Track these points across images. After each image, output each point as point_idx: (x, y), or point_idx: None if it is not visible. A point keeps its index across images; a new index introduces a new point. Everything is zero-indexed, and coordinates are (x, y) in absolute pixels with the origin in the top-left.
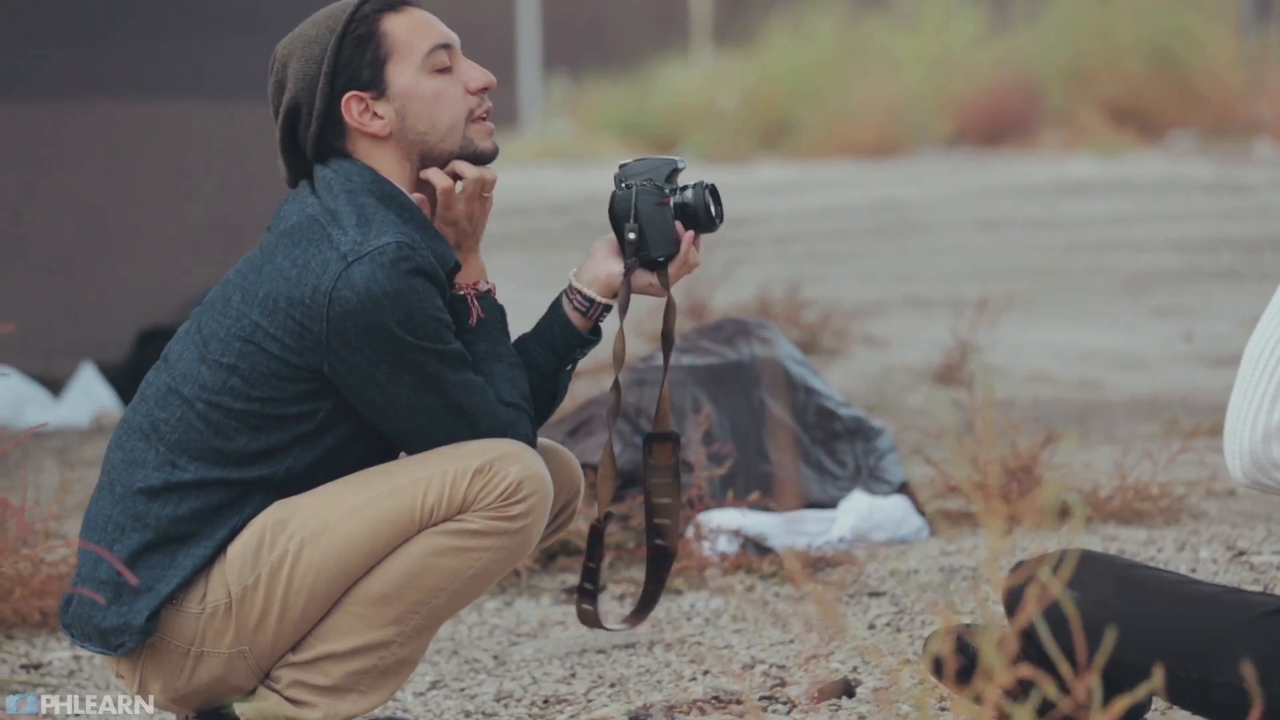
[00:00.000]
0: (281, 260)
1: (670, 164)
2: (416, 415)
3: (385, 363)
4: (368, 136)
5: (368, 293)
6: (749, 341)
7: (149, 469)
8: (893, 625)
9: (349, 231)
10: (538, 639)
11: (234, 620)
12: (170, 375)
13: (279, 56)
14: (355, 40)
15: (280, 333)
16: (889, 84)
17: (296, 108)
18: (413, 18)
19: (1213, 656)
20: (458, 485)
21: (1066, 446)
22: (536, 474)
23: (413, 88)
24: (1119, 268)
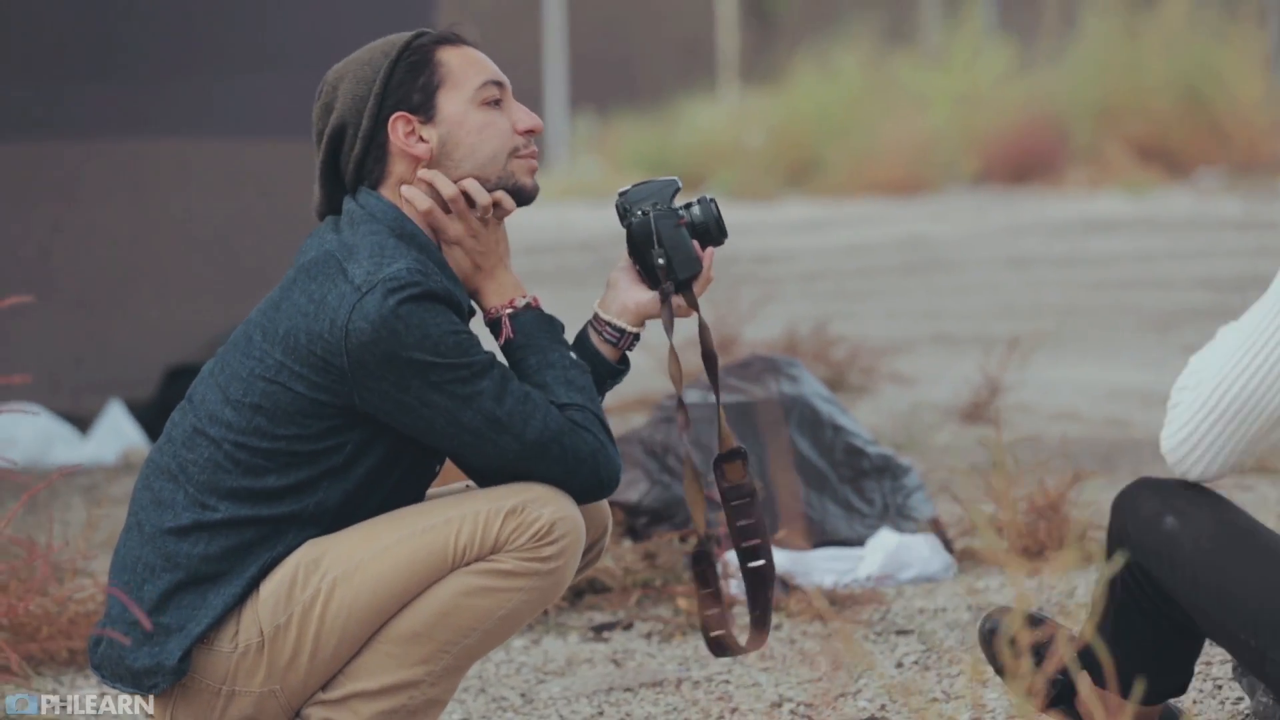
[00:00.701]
0: (299, 297)
1: (671, 185)
2: (460, 434)
3: (413, 387)
4: (409, 159)
5: (381, 321)
6: (777, 379)
7: (178, 509)
8: (920, 664)
9: (363, 264)
10: (565, 677)
11: (266, 659)
12: (196, 416)
13: (329, 80)
14: (409, 65)
15: (305, 370)
16: (916, 122)
17: (343, 129)
18: (468, 53)
19: (1276, 633)
20: (490, 525)
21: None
22: (569, 516)
23: (461, 116)
24: (1147, 305)
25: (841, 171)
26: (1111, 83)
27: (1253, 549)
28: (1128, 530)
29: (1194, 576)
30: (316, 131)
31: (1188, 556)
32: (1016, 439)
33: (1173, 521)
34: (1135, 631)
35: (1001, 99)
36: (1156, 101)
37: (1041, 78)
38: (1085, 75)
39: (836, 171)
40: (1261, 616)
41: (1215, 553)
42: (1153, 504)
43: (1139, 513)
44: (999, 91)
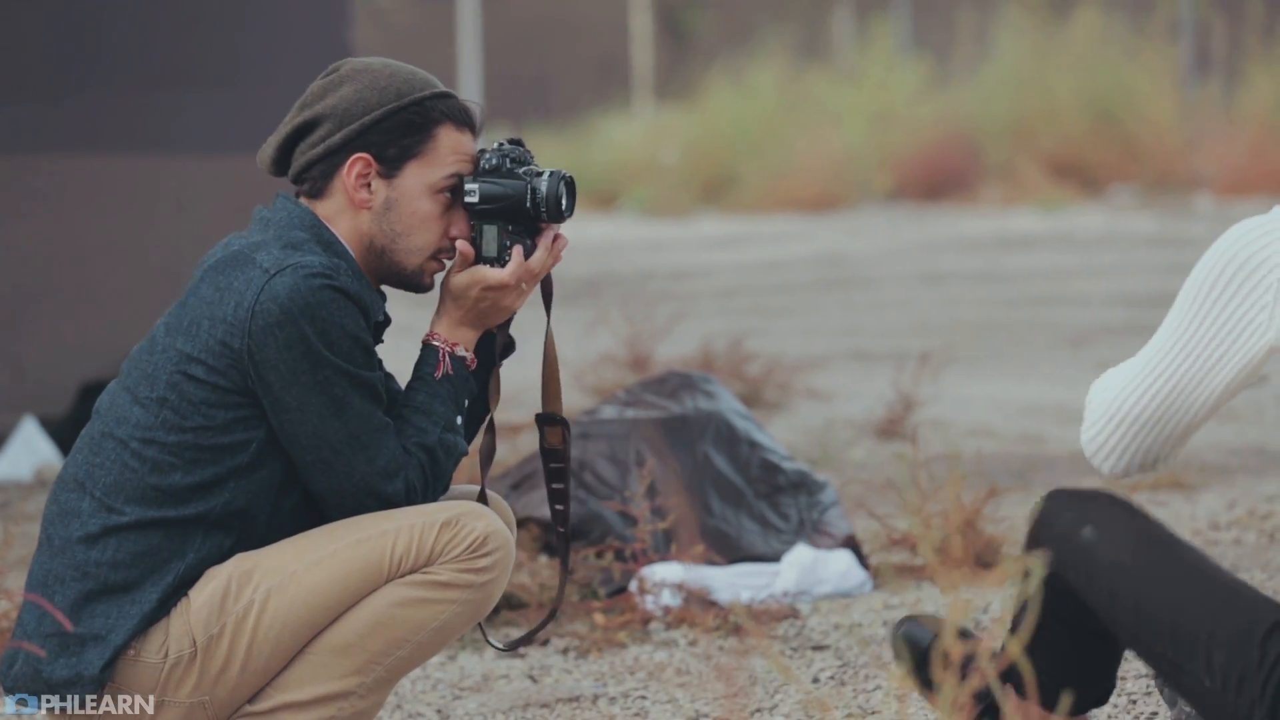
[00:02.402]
0: (205, 289)
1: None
2: (319, 446)
3: (299, 384)
4: (348, 196)
5: (290, 301)
6: (693, 395)
7: (85, 517)
8: (837, 679)
9: (273, 253)
10: (482, 693)
11: (197, 670)
12: (103, 423)
13: (343, 70)
14: (407, 121)
15: (203, 354)
16: (830, 139)
17: (317, 123)
18: (463, 141)
19: (1192, 646)
20: (426, 537)
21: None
22: (500, 530)
23: (414, 196)
24: (1061, 321)
25: (757, 188)
26: (1025, 100)
27: (1169, 561)
28: (1044, 541)
29: (1111, 588)
30: (302, 102)
31: (1105, 568)
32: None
33: (1090, 532)
34: (1056, 641)
35: (915, 116)
36: (1069, 119)
37: (955, 95)
38: (998, 92)
39: (752, 188)
40: (1178, 629)
41: (1132, 565)
42: (1070, 515)
43: (1056, 523)
44: (913, 109)
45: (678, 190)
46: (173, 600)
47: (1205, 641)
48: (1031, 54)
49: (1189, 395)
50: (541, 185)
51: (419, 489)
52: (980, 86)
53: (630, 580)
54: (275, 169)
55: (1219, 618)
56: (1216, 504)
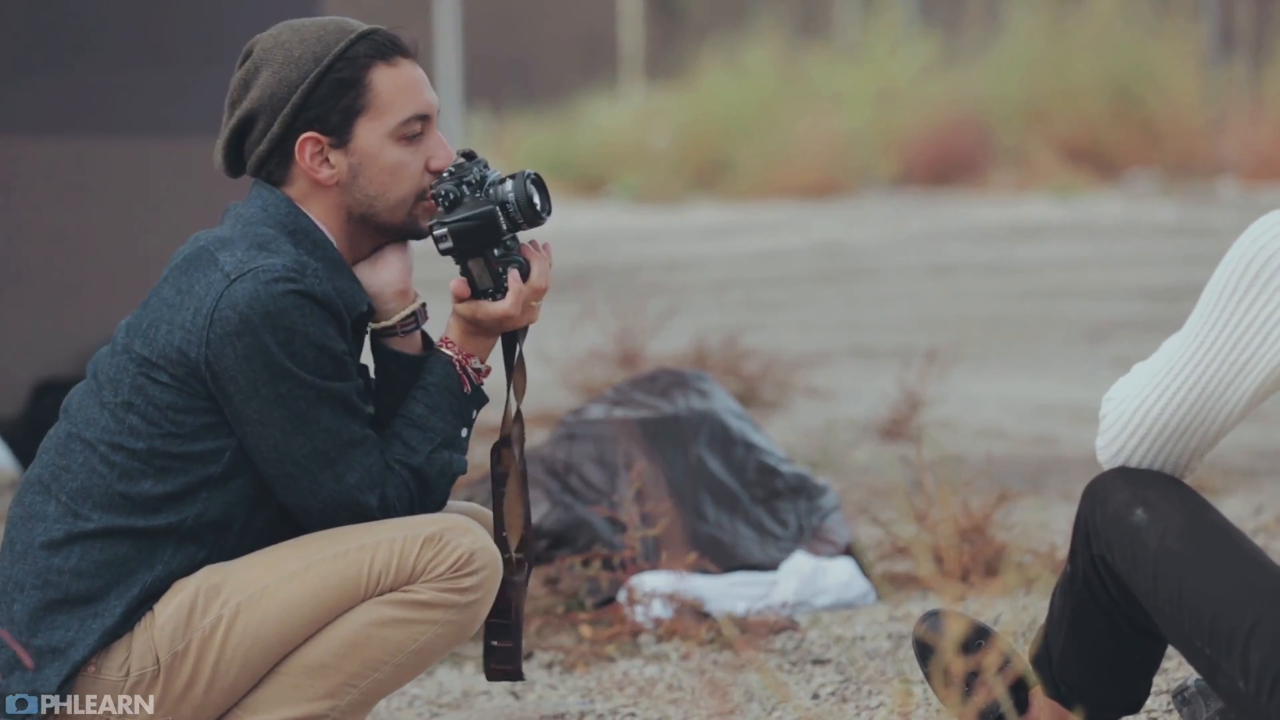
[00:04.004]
0: (167, 290)
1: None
2: (282, 461)
3: (259, 397)
4: (310, 179)
5: (249, 310)
6: (685, 394)
7: (50, 521)
8: (838, 695)
9: (237, 253)
10: (461, 710)
11: (160, 688)
12: (71, 423)
13: (254, 55)
14: (336, 82)
15: (162, 360)
16: (831, 121)
17: (252, 119)
18: (402, 75)
19: (1230, 643)
20: (408, 553)
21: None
22: (487, 547)
23: (376, 151)
24: (1076, 316)
25: (752, 174)
26: (1039, 80)
27: (1218, 552)
28: (1095, 520)
29: (1155, 574)
30: (230, 99)
31: (1152, 553)
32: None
33: (1142, 514)
34: (1092, 632)
35: (922, 97)
36: (1086, 100)
37: (965, 74)
38: (1011, 72)
39: (747, 174)
40: (1217, 623)
41: (1180, 551)
42: (1123, 495)
43: (1108, 503)
44: (919, 89)
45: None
46: (137, 614)
47: (1244, 639)
48: (1046, 31)
49: (1215, 402)
50: (509, 195)
51: (399, 508)
52: (991, 65)
53: (619, 590)
54: (231, 171)
55: (1262, 615)
56: (1242, 509)
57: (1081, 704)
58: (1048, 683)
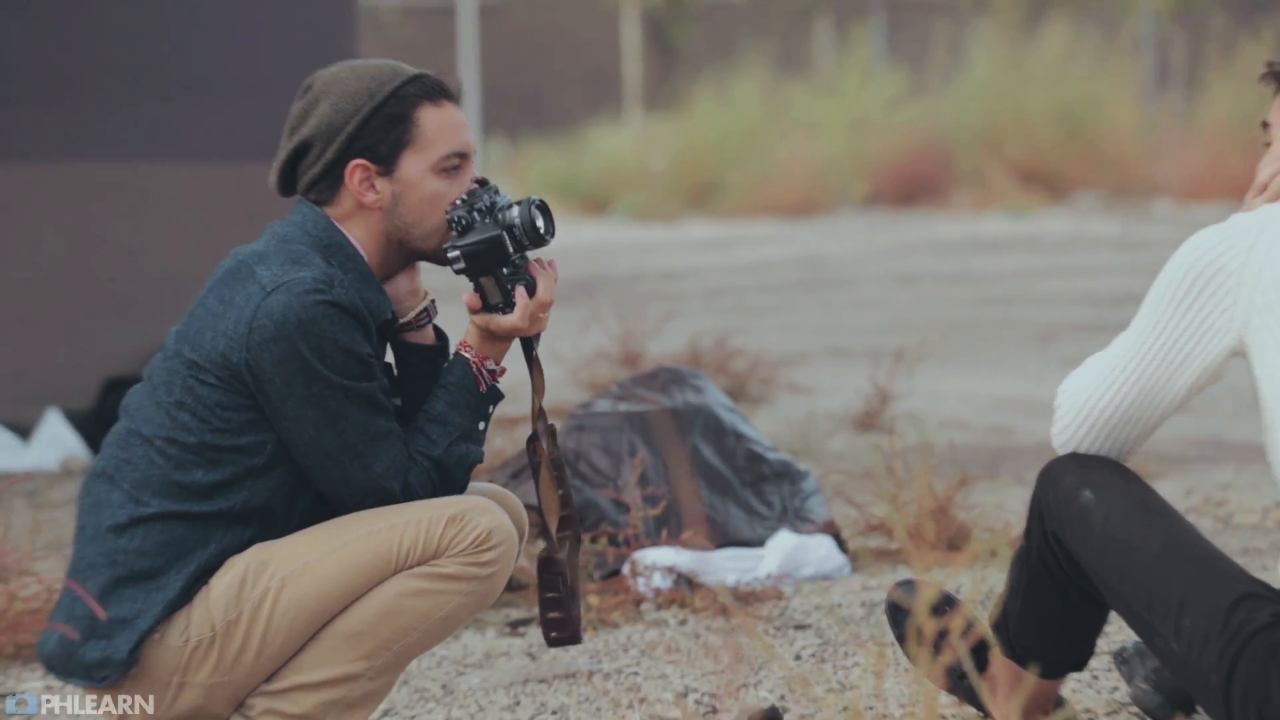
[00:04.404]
0: (211, 300)
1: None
2: (315, 454)
3: (294, 396)
4: (357, 201)
5: (284, 319)
6: (682, 389)
7: (115, 508)
8: (817, 656)
9: (272, 268)
10: (483, 670)
11: (216, 653)
12: (130, 421)
13: (315, 88)
14: (387, 117)
15: (208, 363)
16: (809, 147)
17: (308, 145)
18: (445, 116)
19: (1166, 609)
20: (433, 531)
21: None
22: (504, 525)
23: (417, 182)
24: (1028, 320)
25: (740, 194)
26: (995, 110)
27: (1157, 530)
28: (1048, 500)
29: (1100, 549)
30: (289, 126)
31: (1098, 530)
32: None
33: (1089, 495)
34: (1045, 599)
35: (890, 125)
36: (1037, 128)
37: (929, 104)
38: (970, 102)
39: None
40: (1155, 593)
41: (1122, 529)
42: (1074, 478)
43: (1060, 485)
44: (888, 118)
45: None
46: (195, 587)
47: (1177, 606)
48: (1002, 66)
49: (1156, 395)
50: (515, 220)
51: (422, 494)
52: (953, 97)
53: (623, 564)
54: (283, 191)
55: (1192, 587)
56: (1175, 491)
57: (1035, 662)
58: (1005, 644)
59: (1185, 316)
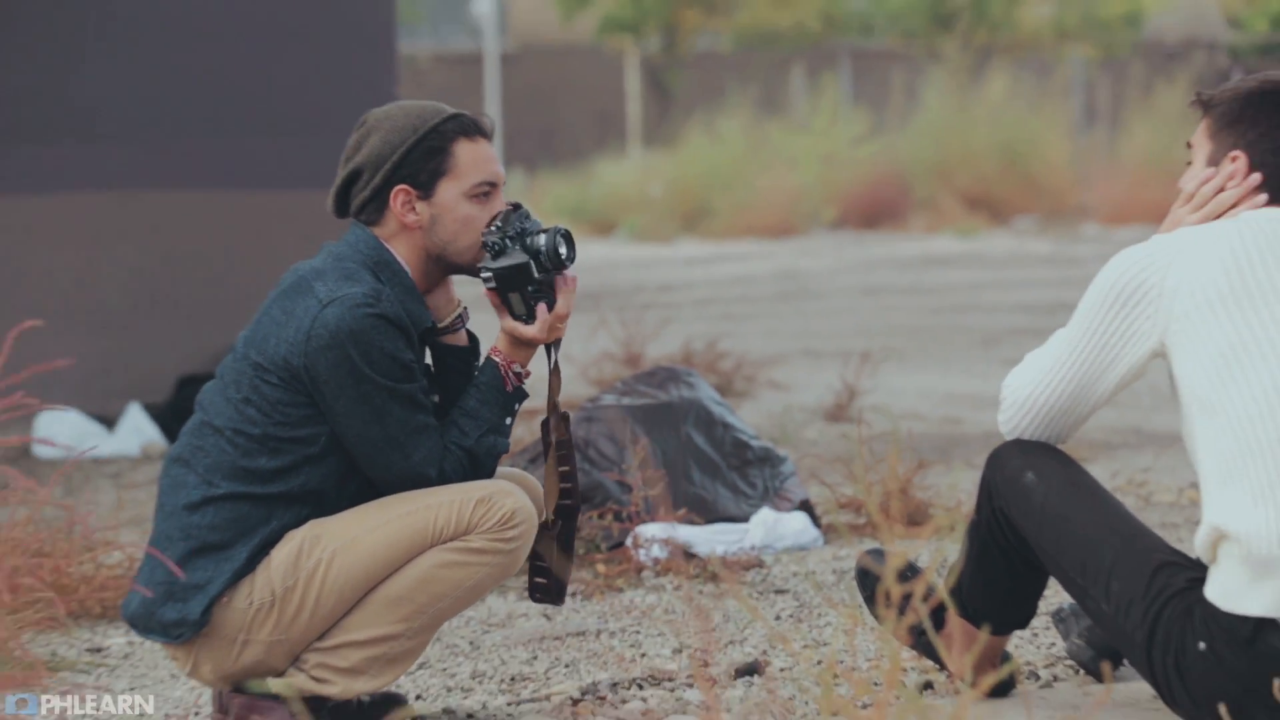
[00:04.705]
0: (275, 311)
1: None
2: (363, 444)
3: (345, 396)
4: (399, 222)
5: (337, 329)
6: (677, 386)
7: (189, 489)
8: (794, 616)
9: (329, 284)
10: (505, 628)
11: (275, 614)
12: (204, 414)
13: (369, 123)
14: (427, 149)
15: (272, 366)
16: (786, 177)
17: (360, 171)
18: (479, 151)
19: (1096, 575)
20: (464, 511)
21: (935, 471)
22: (526, 507)
23: (452, 206)
24: (975, 326)
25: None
26: (945, 145)
27: (1089, 506)
28: (995, 481)
29: (1040, 523)
30: (345, 156)
31: (1038, 507)
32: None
33: (1031, 477)
34: (993, 567)
35: (856, 159)
36: (982, 160)
37: (888, 141)
38: (924, 139)
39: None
40: (1087, 561)
41: (1060, 506)
42: (1017, 462)
43: (1005, 468)
44: (853, 152)
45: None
46: (258, 558)
47: (1107, 573)
48: (951, 107)
49: (1088, 391)
50: (541, 247)
51: (455, 480)
52: (909, 134)
53: (626, 537)
54: (338, 213)
55: (1119, 556)
56: (1102, 473)
57: (985, 621)
58: (959, 606)
59: (1113, 324)
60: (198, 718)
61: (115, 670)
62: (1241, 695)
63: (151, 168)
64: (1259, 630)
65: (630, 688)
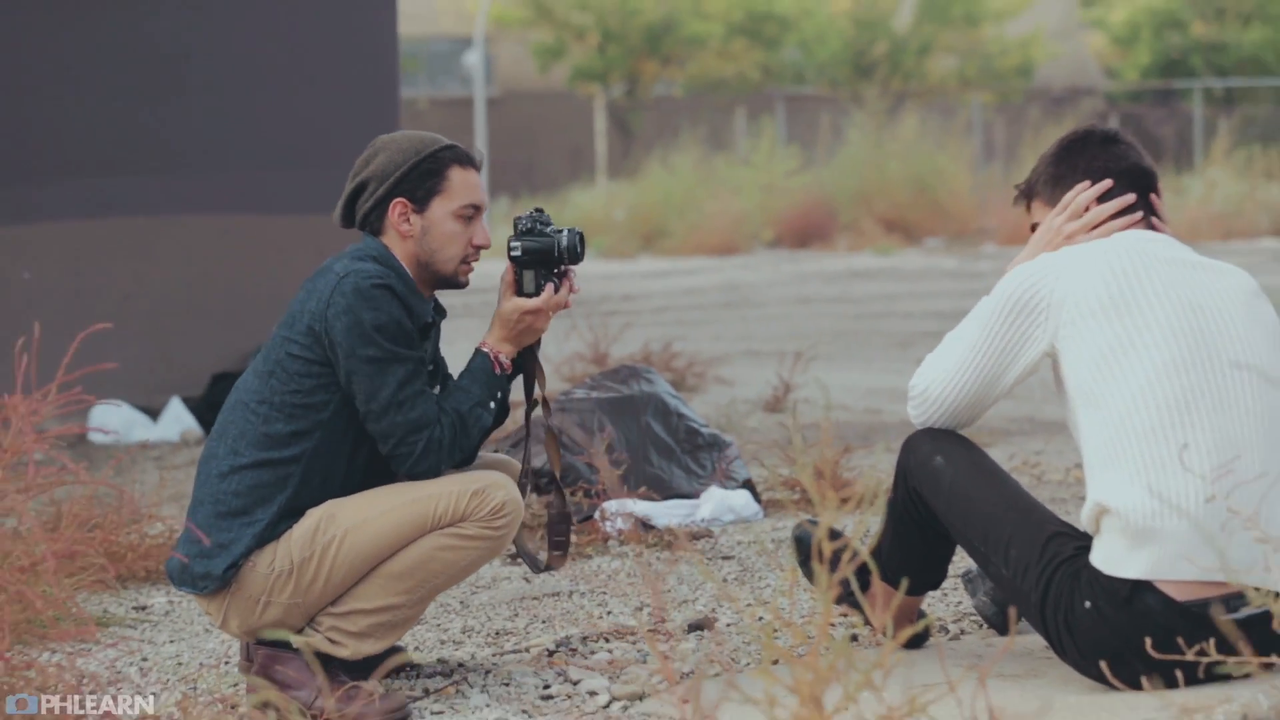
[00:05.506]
0: (301, 295)
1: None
2: (369, 402)
3: (355, 356)
4: (395, 231)
5: (354, 295)
6: (638, 381)
7: (220, 459)
8: (739, 579)
9: (345, 263)
10: (491, 590)
11: (294, 580)
12: (237, 395)
13: (377, 145)
14: (425, 170)
15: (297, 336)
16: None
17: (366, 184)
18: (469, 177)
19: (997, 544)
20: (460, 501)
21: (859, 455)
22: (515, 499)
23: (441, 221)
24: (892, 330)
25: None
26: (866, 176)
27: (991, 485)
28: (909, 464)
29: (949, 500)
30: (354, 172)
31: (947, 486)
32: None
33: (941, 460)
34: (909, 537)
35: (790, 188)
36: (897, 190)
37: (817, 173)
38: (848, 171)
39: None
40: (989, 532)
41: (965, 485)
42: (928, 447)
43: (918, 452)
44: (788, 183)
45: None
46: (278, 526)
47: (1006, 542)
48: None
49: (990, 386)
50: (563, 239)
51: (444, 442)
52: (835, 167)
53: (594, 511)
54: (344, 223)
55: (1016, 528)
56: (1001, 456)
57: (903, 583)
58: (880, 570)
59: (1011, 329)
60: (229, 665)
61: (157, 625)
62: (1121, 647)
63: (188, 196)
64: (1136, 591)
65: (598, 641)
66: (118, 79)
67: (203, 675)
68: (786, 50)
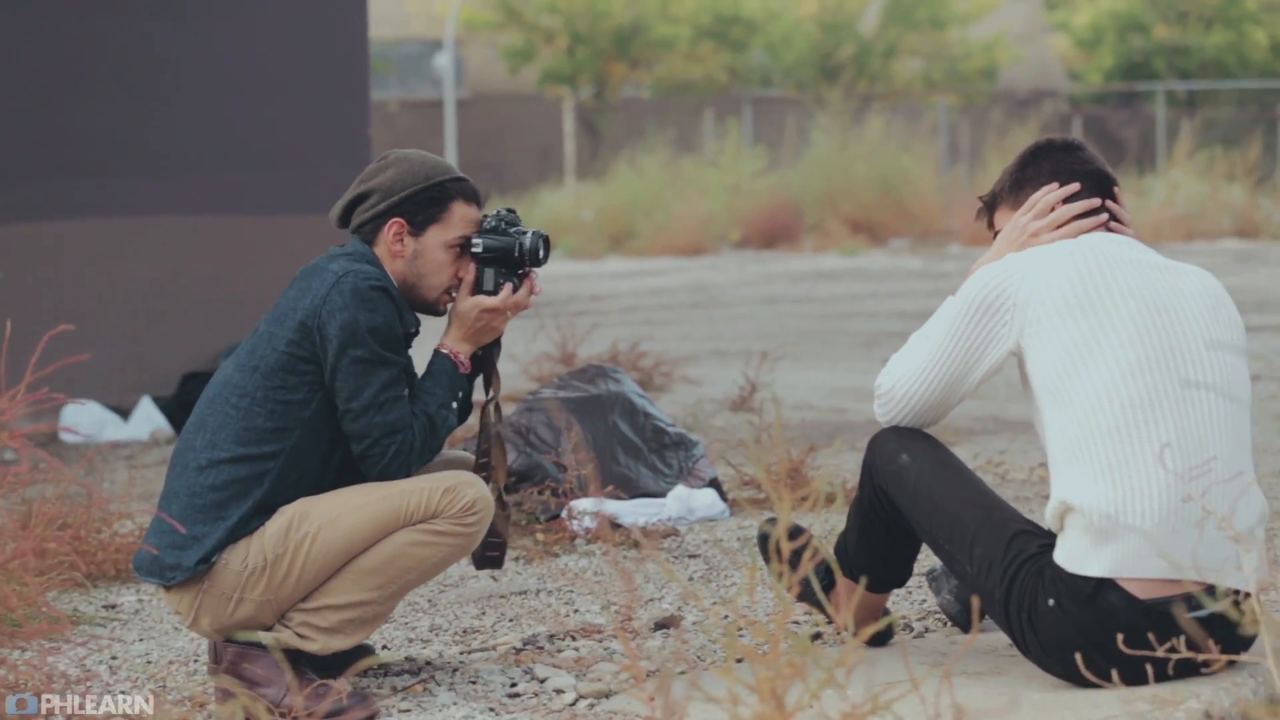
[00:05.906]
0: (293, 292)
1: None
2: (349, 401)
3: (345, 355)
4: (388, 247)
5: (353, 295)
6: (605, 381)
7: (198, 452)
8: (705, 578)
9: (341, 263)
10: (458, 588)
11: (266, 577)
12: (216, 388)
13: (390, 159)
14: (430, 197)
15: (286, 333)
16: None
17: (370, 193)
18: (469, 214)
19: (962, 542)
20: (432, 498)
21: (824, 453)
22: (485, 496)
23: (433, 249)
24: (857, 330)
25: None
26: (831, 178)
27: (956, 483)
28: (875, 462)
29: (914, 498)
30: (361, 178)
31: (912, 484)
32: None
33: (906, 459)
34: (874, 535)
35: (756, 189)
36: (862, 191)
37: (783, 175)
38: (814, 173)
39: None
40: (954, 530)
41: (931, 484)
42: (894, 445)
43: (883, 450)
44: (754, 184)
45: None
46: (252, 522)
47: (970, 539)
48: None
49: (955, 385)
50: (526, 241)
51: (415, 446)
52: (801, 169)
53: (562, 510)
54: (340, 223)
55: (981, 526)
56: (966, 455)
57: (867, 580)
58: (845, 567)
59: (977, 329)
60: (197, 663)
61: (127, 624)
62: (1084, 644)
63: (159, 197)
64: (1099, 588)
65: (565, 639)
66: (90, 82)
67: (171, 674)
68: (753, 53)
